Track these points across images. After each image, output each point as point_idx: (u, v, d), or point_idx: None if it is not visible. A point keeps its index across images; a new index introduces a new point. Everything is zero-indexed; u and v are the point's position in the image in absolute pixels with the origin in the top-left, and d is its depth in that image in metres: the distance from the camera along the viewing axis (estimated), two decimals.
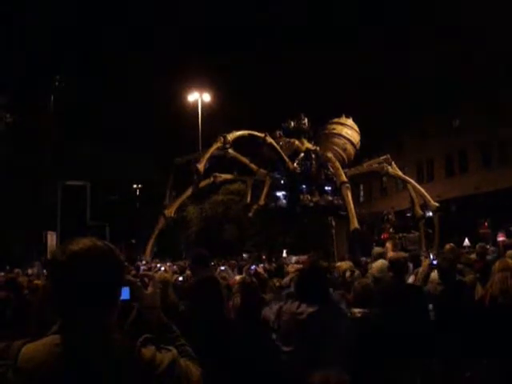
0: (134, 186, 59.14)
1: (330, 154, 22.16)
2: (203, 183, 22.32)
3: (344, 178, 20.83)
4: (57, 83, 29.32)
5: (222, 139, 19.68)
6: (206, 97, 41.00)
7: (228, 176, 23.05)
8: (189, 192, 22.06)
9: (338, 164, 21.60)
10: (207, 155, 19.39)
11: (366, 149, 27.07)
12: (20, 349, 2.23)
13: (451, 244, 12.34)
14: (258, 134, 20.92)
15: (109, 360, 2.24)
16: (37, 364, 2.18)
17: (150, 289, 2.84)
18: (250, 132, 20.90)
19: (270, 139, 21.04)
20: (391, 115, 51.70)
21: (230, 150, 20.74)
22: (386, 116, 51.92)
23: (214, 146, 19.66)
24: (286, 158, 21.71)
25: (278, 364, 5.50)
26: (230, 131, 20.32)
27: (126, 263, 21.85)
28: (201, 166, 19.04)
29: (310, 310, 5.51)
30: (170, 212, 21.25)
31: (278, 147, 21.41)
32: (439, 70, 44.00)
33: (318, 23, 57.05)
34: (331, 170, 22.12)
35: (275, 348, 5.65)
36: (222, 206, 43.38)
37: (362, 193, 65.63)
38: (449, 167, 52.47)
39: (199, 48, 59.05)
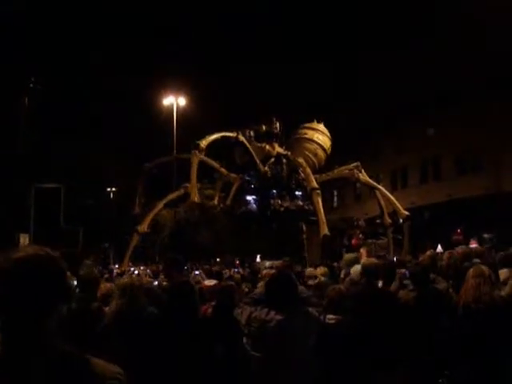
0: (108, 189, 58.85)
1: (301, 160, 22.15)
2: (173, 195, 22.28)
3: (314, 185, 20.81)
4: (31, 85, 29.09)
5: (196, 149, 19.57)
6: (182, 101, 40.93)
7: (198, 185, 23.05)
8: (160, 206, 22.04)
9: (308, 170, 21.58)
10: (194, 178, 19.45)
11: (341, 156, 27.15)
12: None
13: (432, 250, 12.42)
14: (231, 135, 20.90)
15: (37, 365, 2.27)
16: None
17: None
18: (222, 134, 20.86)
19: (242, 138, 21.06)
20: (366, 123, 51.96)
21: (201, 156, 20.64)
22: (361, 123, 52.18)
23: (194, 161, 19.56)
24: (257, 159, 21.69)
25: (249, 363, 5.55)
26: (204, 135, 20.27)
27: (100, 267, 21.76)
28: (196, 198, 19.25)
29: (279, 317, 5.52)
30: (143, 228, 21.23)
31: (249, 147, 21.40)
32: (413, 78, 44.27)
33: (293, 27, 57.27)
34: (302, 175, 22.13)
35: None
36: (196, 210, 43.22)
37: (335, 198, 65.80)
38: (423, 175, 52.79)
39: (173, 51, 58.84)
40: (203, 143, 19.73)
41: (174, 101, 40.46)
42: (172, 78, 44.29)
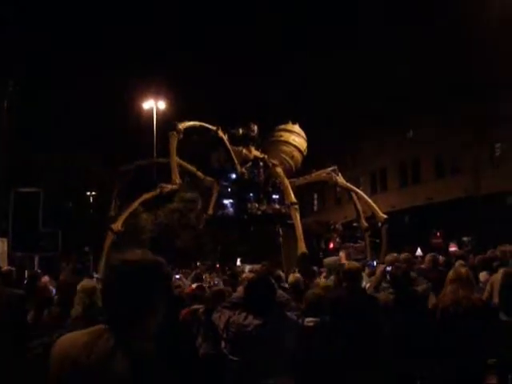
0: (88, 193, 58.54)
1: (279, 169, 21.92)
2: (149, 195, 22.04)
3: (293, 199, 20.61)
4: (10, 88, 28.93)
5: (174, 130, 19.37)
6: (161, 104, 40.88)
7: (175, 186, 22.83)
8: (135, 204, 21.73)
9: (286, 181, 21.35)
10: (174, 159, 19.19)
11: (320, 159, 27.19)
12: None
13: (406, 253, 12.44)
14: (210, 127, 20.62)
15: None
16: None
17: None
18: (201, 123, 20.57)
19: (221, 134, 20.80)
20: (345, 126, 52.12)
21: (179, 136, 20.43)
22: (341, 127, 52.35)
23: (174, 144, 19.34)
24: (235, 158, 21.57)
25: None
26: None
27: (80, 272, 21.64)
28: (177, 179, 19.02)
29: (257, 322, 5.51)
30: (118, 226, 20.87)
31: (228, 144, 21.24)
32: (392, 81, 44.46)
33: (272, 29, 57.49)
34: (280, 186, 22.00)
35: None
36: (176, 213, 43.12)
37: (315, 202, 65.98)
38: (402, 178, 53.05)
39: (155, 55, 58.79)
40: (181, 125, 19.52)
41: (154, 104, 40.40)
42: (152, 82, 44.25)
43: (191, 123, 20.16)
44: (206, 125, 20.58)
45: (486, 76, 37.78)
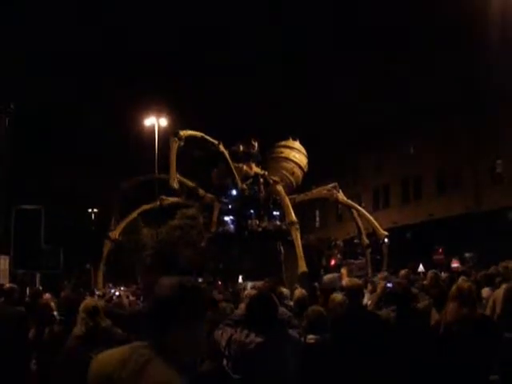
0: (89, 210, 58.52)
1: (279, 187, 21.91)
2: (149, 206, 22.00)
3: (293, 218, 20.56)
4: (11, 106, 28.95)
5: (175, 137, 19.30)
6: (163, 121, 40.89)
7: (175, 199, 22.73)
8: (134, 214, 21.77)
9: (287, 200, 21.31)
10: (173, 164, 19.07)
11: (321, 176, 27.15)
12: None
13: (406, 269, 12.41)
14: (212, 140, 20.62)
15: None
16: None
17: None
18: (203, 135, 20.56)
19: (222, 148, 20.80)
20: (347, 142, 52.16)
21: (178, 176, 20.45)
22: (342, 143, 52.39)
23: (174, 149, 19.28)
24: (236, 173, 21.54)
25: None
26: (185, 155, 20.17)
27: (81, 289, 21.60)
28: (175, 183, 18.82)
29: (258, 339, 5.47)
30: (115, 234, 20.92)
31: (229, 159, 21.22)
32: (393, 97, 44.55)
33: (270, 46, 57.81)
34: (281, 206, 21.93)
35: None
36: (178, 230, 43.07)
37: (317, 218, 65.89)
38: (404, 194, 52.98)
39: (155, 72, 58.96)
40: (183, 132, 19.50)
41: (156, 121, 40.43)
42: (153, 99, 44.33)
43: (193, 132, 20.18)
44: (208, 137, 20.59)
45: (487, 92, 37.82)
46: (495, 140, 39.73)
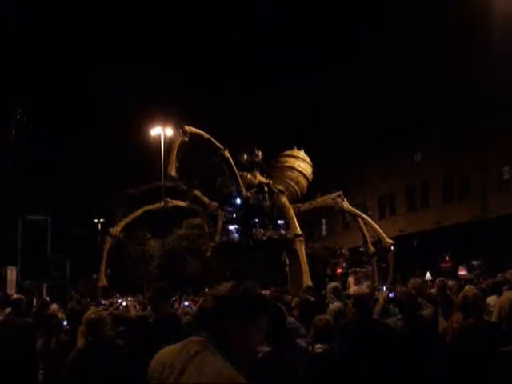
0: (96, 220, 58.53)
1: (284, 199, 21.84)
2: (153, 206, 21.89)
3: (298, 231, 20.43)
4: (18, 116, 29.05)
5: (181, 130, 19.24)
6: (169, 131, 40.88)
7: (180, 203, 22.64)
8: (137, 213, 21.66)
9: (292, 213, 21.20)
10: (174, 155, 18.95)
11: (327, 184, 27.12)
12: None
13: (416, 278, 12.37)
14: (217, 144, 20.51)
15: None
16: None
17: None
18: (210, 137, 20.46)
19: (227, 154, 20.68)
20: (353, 150, 52.15)
21: (185, 138, 20.36)
22: (349, 151, 52.37)
23: (177, 141, 19.20)
24: (240, 181, 21.46)
25: None
26: (189, 164, 20.14)
27: (88, 299, 21.59)
28: (172, 171, 18.68)
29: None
30: (116, 231, 20.82)
31: (233, 165, 21.12)
32: (399, 104, 44.53)
33: (270, 60, 58.05)
34: (286, 217, 21.82)
35: None
36: (184, 239, 42.95)
37: (324, 227, 65.81)
38: (411, 202, 52.88)
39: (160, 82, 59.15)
40: (188, 128, 19.41)
41: (162, 131, 40.45)
42: (159, 109, 44.38)
43: (200, 131, 20.08)
44: (214, 140, 20.47)
45: (493, 99, 37.78)
46: (502, 147, 39.64)
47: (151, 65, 59.93)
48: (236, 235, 22.85)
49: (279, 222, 22.74)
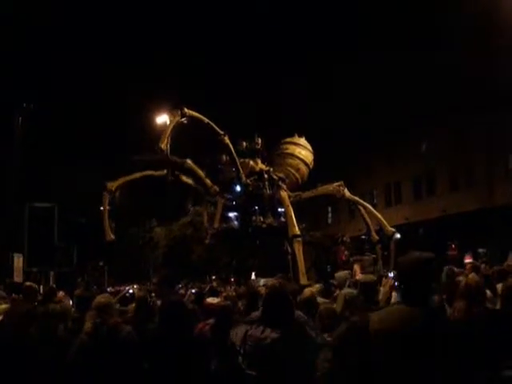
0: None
1: (283, 194, 21.55)
2: (153, 172, 21.48)
3: (296, 231, 20.10)
4: (24, 105, 29.00)
5: (179, 111, 18.98)
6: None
7: (183, 177, 22.29)
8: (137, 175, 21.11)
9: (291, 211, 20.77)
10: (168, 131, 18.53)
11: (333, 173, 27.06)
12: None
13: None
14: (217, 129, 20.22)
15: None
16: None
17: None
18: (210, 122, 20.20)
19: (227, 140, 20.41)
20: (358, 139, 52.06)
21: (188, 161, 20.30)
22: (353, 140, 52.28)
23: (174, 121, 18.91)
24: (240, 167, 21.25)
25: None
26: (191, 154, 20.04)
27: (94, 286, 21.65)
28: (163, 145, 18.29)
29: (274, 335, 5.50)
30: (112, 186, 20.26)
31: (233, 152, 20.91)
32: (405, 92, 44.38)
33: (268, 42, 58.02)
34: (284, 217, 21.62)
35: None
36: (190, 227, 43.02)
37: (330, 215, 65.86)
38: (416, 190, 52.83)
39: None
40: (188, 110, 19.17)
41: (167, 119, 40.42)
42: (164, 97, 44.36)
43: (199, 115, 19.81)
44: (214, 125, 20.21)
45: (499, 87, 37.66)
46: (508, 135, 39.53)
47: (151, 65, 60.03)
48: (236, 222, 22.68)
49: (279, 209, 22.53)
